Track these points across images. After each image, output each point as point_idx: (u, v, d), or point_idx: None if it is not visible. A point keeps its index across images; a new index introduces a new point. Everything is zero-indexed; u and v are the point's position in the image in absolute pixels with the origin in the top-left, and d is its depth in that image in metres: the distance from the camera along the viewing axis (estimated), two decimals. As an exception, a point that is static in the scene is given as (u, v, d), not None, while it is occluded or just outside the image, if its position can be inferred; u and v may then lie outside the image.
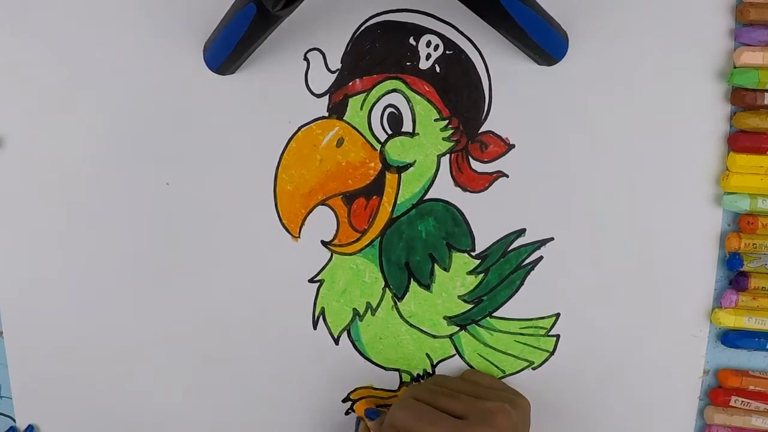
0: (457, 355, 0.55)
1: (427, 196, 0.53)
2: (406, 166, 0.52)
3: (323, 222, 0.53)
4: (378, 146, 0.52)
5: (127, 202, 0.53)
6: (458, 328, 0.54)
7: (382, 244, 0.53)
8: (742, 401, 0.54)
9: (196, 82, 0.52)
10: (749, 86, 0.50)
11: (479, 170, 0.52)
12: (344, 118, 0.52)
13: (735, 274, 0.53)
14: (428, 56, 0.51)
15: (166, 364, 0.55)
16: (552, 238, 0.53)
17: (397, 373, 0.55)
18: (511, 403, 0.49)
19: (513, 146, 0.52)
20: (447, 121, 0.52)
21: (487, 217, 0.53)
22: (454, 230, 0.53)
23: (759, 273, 0.52)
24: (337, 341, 0.55)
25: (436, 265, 0.53)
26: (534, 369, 0.55)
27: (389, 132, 0.52)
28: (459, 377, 0.54)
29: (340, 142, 0.52)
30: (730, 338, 0.53)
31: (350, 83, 0.52)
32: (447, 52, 0.51)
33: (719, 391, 0.54)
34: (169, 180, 0.53)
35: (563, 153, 0.52)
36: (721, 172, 0.52)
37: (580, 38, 0.51)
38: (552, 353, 0.54)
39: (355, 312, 0.54)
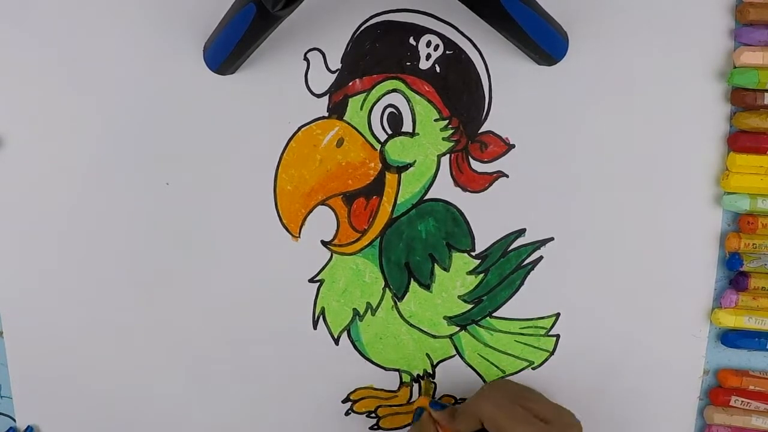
0: (457, 355, 0.55)
1: (427, 196, 0.53)
2: (406, 166, 0.52)
3: (323, 222, 0.53)
4: (378, 146, 0.52)
5: (127, 202, 0.53)
6: (458, 328, 0.54)
7: (382, 244, 0.53)
8: (742, 401, 0.54)
9: (196, 82, 0.52)
10: (749, 86, 0.50)
11: (479, 170, 0.52)
12: (344, 118, 0.52)
13: (735, 274, 0.53)
14: (428, 56, 0.51)
15: (166, 364, 0.55)
16: (552, 238, 0.53)
17: (397, 373, 0.55)
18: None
19: (513, 146, 0.52)
20: (447, 121, 0.52)
21: (487, 217, 0.53)
22: (454, 230, 0.53)
23: (759, 273, 0.52)
24: (337, 341, 0.55)
25: (436, 265, 0.53)
26: (534, 369, 0.55)
27: (389, 132, 0.52)
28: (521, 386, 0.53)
29: (340, 142, 0.52)
30: (730, 338, 0.53)
31: (350, 83, 0.52)
32: (447, 52, 0.51)
33: (719, 391, 0.54)
34: (169, 180, 0.53)
35: (563, 153, 0.52)
36: (721, 172, 0.52)
37: (580, 38, 0.51)
38: (552, 353, 0.54)
39: (355, 312, 0.54)
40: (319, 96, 0.52)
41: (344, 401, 0.56)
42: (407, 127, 0.52)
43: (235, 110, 0.52)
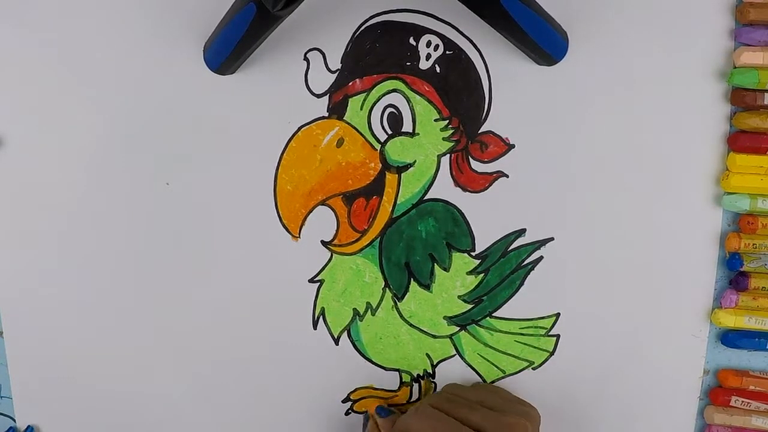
0: (457, 355, 0.55)
1: (427, 196, 0.53)
2: (406, 166, 0.52)
3: (323, 222, 0.53)
4: (378, 146, 0.52)
5: (127, 202, 0.53)
6: (458, 328, 0.54)
7: (382, 244, 0.53)
8: (742, 401, 0.54)
9: (196, 82, 0.52)
10: (749, 86, 0.50)
11: (479, 170, 0.52)
12: (344, 118, 0.52)
13: (735, 274, 0.53)
14: (428, 56, 0.51)
15: (165, 364, 0.55)
16: (552, 238, 0.53)
17: (397, 373, 0.55)
18: (527, 417, 0.48)
19: (513, 146, 0.52)
20: (447, 121, 0.52)
21: (487, 217, 0.53)
22: (454, 230, 0.53)
23: (759, 273, 0.52)
24: (337, 341, 0.55)
25: (436, 265, 0.53)
26: (534, 369, 0.55)
27: (389, 132, 0.52)
28: (472, 387, 0.54)
29: (340, 142, 0.52)
30: (730, 338, 0.53)
31: (350, 83, 0.52)
32: (447, 52, 0.51)
33: (719, 391, 0.54)
34: (169, 180, 0.53)
35: (563, 153, 0.52)
36: (721, 172, 0.52)
37: (580, 38, 0.51)
38: (552, 353, 0.54)
39: (355, 312, 0.54)
40: (319, 96, 0.52)
41: (344, 401, 0.56)
42: (407, 127, 0.52)
43: (235, 110, 0.52)
